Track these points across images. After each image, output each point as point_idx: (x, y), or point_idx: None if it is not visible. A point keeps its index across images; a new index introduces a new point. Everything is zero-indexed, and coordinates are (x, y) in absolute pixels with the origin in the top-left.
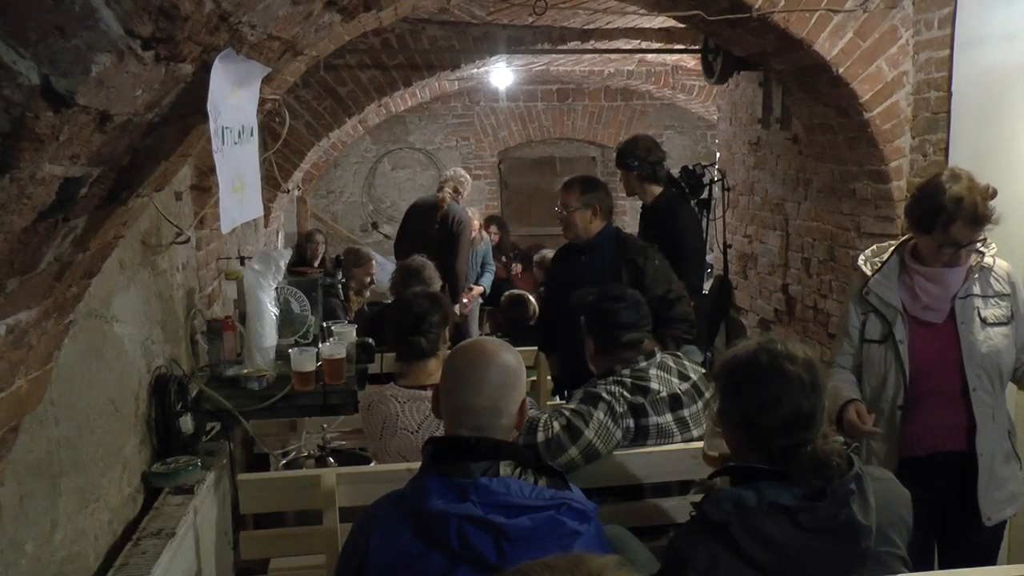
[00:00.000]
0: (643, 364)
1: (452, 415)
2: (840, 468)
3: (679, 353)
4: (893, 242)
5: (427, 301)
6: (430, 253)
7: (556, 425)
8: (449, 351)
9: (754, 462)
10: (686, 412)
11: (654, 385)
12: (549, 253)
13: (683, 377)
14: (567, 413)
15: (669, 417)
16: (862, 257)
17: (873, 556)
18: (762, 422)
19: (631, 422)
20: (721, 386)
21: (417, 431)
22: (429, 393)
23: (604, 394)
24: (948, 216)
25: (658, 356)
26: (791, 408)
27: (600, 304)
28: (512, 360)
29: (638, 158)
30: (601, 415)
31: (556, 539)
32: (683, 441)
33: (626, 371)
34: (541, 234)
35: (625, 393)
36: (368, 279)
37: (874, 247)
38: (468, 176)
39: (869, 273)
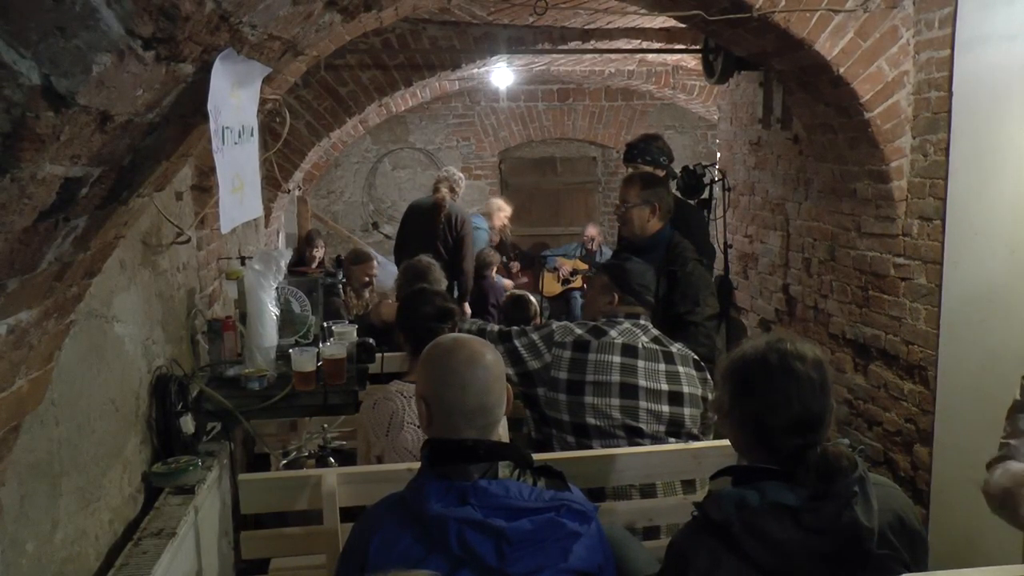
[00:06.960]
0: (621, 318)
1: (449, 419)
2: (847, 469)
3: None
4: None
5: (443, 299)
6: (434, 254)
7: (495, 329)
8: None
9: (759, 461)
10: (640, 364)
11: (613, 332)
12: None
13: (656, 341)
14: (508, 328)
15: (616, 359)
16: None
17: (875, 559)
18: (772, 422)
19: (567, 352)
20: (729, 385)
21: None
22: None
23: (555, 325)
24: None
25: (641, 319)
26: (801, 408)
27: (632, 266)
28: (493, 355)
29: (665, 154)
30: (535, 337)
31: (556, 541)
32: (623, 387)
33: (603, 320)
34: (542, 234)
35: (578, 330)
36: (366, 278)
37: None
38: (461, 174)
39: None
